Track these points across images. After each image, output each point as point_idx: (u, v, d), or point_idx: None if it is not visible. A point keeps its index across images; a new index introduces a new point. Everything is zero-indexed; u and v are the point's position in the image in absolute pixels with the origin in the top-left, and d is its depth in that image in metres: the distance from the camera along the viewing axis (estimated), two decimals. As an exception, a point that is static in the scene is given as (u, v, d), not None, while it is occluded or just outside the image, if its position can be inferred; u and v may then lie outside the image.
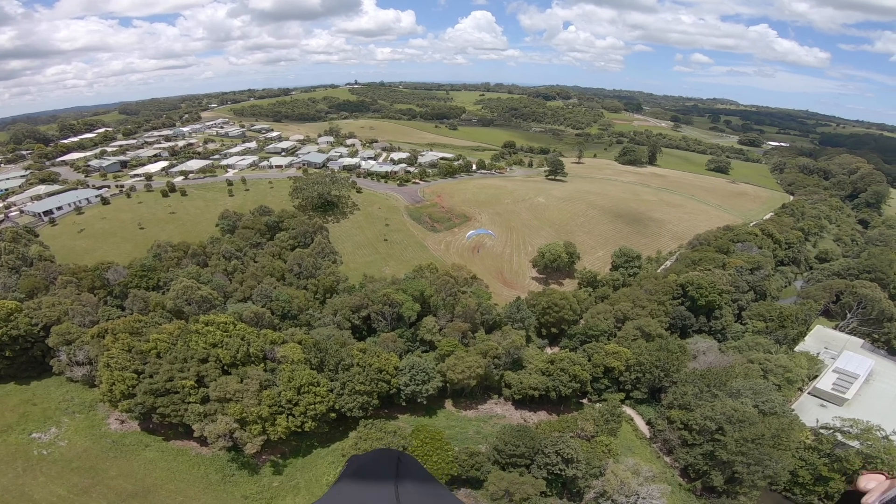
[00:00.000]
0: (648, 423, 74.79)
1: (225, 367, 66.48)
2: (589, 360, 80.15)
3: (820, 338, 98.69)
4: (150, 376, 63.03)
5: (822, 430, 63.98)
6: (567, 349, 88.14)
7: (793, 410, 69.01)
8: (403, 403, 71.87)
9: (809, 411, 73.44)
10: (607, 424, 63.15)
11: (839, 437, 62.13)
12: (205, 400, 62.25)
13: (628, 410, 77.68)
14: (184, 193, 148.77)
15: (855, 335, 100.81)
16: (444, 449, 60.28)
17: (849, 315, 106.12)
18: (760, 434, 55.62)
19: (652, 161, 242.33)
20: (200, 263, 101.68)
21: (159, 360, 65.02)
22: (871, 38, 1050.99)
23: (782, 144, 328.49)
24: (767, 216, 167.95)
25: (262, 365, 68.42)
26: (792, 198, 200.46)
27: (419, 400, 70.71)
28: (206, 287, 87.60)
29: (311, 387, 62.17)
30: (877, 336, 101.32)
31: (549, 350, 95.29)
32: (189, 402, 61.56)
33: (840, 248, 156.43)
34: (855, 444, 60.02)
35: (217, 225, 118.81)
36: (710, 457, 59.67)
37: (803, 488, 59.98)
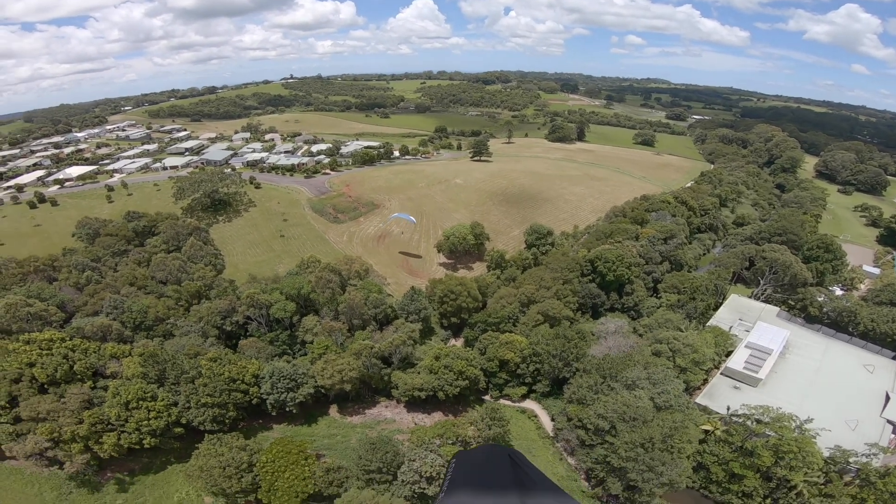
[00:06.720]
0: (553, 419, 67.34)
1: (44, 386, 61.59)
2: (483, 354, 73.02)
3: (735, 308, 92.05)
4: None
5: (733, 418, 56.54)
6: (470, 339, 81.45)
7: (690, 401, 60.76)
8: (273, 413, 65.56)
9: (722, 395, 65.67)
10: (490, 430, 54.96)
11: (750, 425, 54.51)
12: (17, 420, 59.02)
13: (533, 406, 71.00)
14: (54, 203, 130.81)
15: (770, 302, 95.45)
16: (300, 464, 52.26)
17: (762, 281, 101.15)
18: (649, 437, 47.99)
19: (581, 137, 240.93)
20: (48, 279, 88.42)
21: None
22: (785, 17, 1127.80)
23: (705, 118, 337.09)
24: (689, 185, 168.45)
25: (90, 382, 63.10)
26: (712, 166, 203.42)
27: (288, 409, 64.29)
28: (41, 303, 75.83)
29: (141, 402, 57.93)
30: (792, 302, 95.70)
31: (453, 342, 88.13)
32: (1, 423, 59.12)
33: (758, 212, 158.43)
34: (770, 433, 52.89)
35: (73, 234, 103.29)
36: (605, 462, 52.12)
37: (719, 486, 51.64)
